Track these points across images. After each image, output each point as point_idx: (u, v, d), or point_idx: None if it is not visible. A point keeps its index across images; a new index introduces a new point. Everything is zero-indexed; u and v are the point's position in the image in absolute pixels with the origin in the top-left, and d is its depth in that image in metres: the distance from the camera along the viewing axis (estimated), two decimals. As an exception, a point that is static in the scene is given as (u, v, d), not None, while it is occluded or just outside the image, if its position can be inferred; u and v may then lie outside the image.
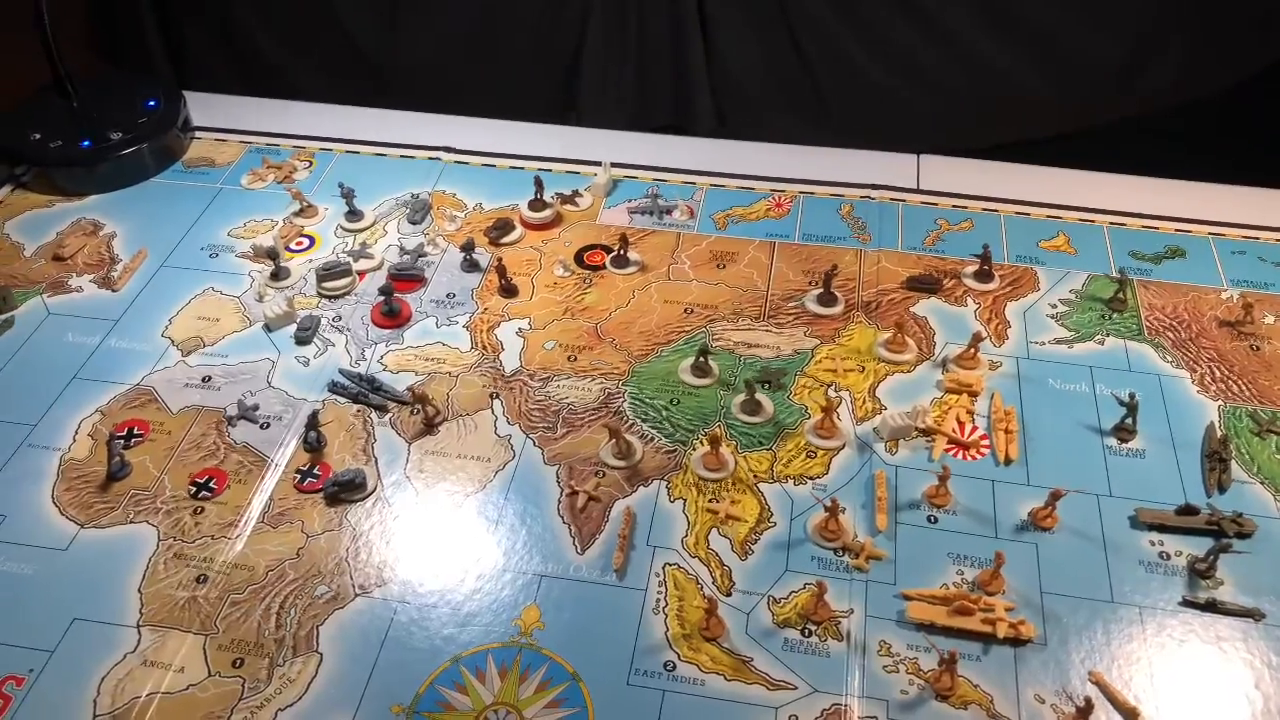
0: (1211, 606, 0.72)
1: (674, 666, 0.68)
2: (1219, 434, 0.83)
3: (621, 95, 1.94)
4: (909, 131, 1.92)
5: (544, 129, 1.17)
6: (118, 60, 2.03)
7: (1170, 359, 0.89)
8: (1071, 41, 1.80)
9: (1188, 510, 0.77)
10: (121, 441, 0.82)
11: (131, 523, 0.77)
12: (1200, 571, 0.73)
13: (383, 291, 0.92)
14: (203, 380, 0.88)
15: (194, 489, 0.79)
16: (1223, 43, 1.76)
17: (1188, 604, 0.72)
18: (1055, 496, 0.75)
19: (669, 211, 1.04)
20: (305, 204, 1.04)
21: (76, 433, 0.83)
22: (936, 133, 1.91)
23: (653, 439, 0.83)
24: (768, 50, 1.89)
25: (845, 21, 1.83)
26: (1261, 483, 0.80)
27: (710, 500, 0.78)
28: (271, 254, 0.96)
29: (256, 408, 0.85)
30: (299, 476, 0.80)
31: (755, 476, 0.80)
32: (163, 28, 2.00)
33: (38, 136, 1.08)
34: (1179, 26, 1.75)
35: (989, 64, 1.83)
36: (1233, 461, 0.81)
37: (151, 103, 1.13)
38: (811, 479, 0.80)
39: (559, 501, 0.78)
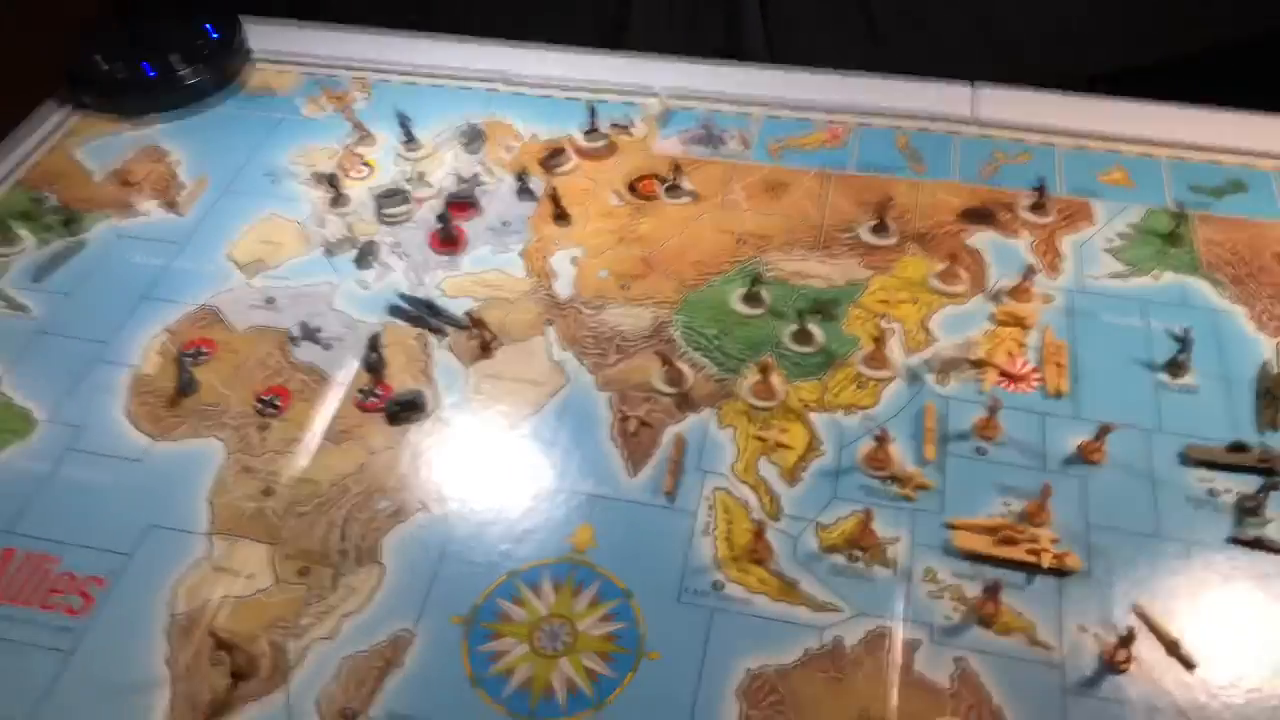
0: (1258, 544, 0.72)
1: (722, 586, 0.70)
2: (1275, 371, 0.82)
3: (673, 19, 1.92)
4: (964, 59, 1.88)
5: (598, 57, 1.17)
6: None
7: (1227, 294, 0.88)
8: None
9: (1238, 447, 0.77)
10: (190, 358, 0.85)
11: (200, 437, 0.80)
12: (1249, 509, 0.74)
13: (440, 218, 0.94)
14: (266, 302, 0.90)
15: (260, 405, 0.82)
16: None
17: (1235, 541, 0.72)
18: (1104, 430, 0.76)
19: (724, 140, 1.04)
20: (364, 132, 1.05)
21: (146, 350, 0.86)
22: (994, 62, 1.87)
23: (703, 368, 0.84)
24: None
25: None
26: (1316, 421, 0.79)
27: (760, 428, 0.80)
28: (331, 180, 0.98)
29: (319, 329, 0.87)
30: (361, 396, 0.82)
31: (805, 405, 0.81)
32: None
33: (100, 61, 1.10)
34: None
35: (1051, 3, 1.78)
36: (1287, 399, 0.80)
37: (209, 27, 1.15)
38: (862, 409, 0.81)
39: (612, 426, 0.80)
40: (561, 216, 0.96)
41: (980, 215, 0.94)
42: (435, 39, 1.19)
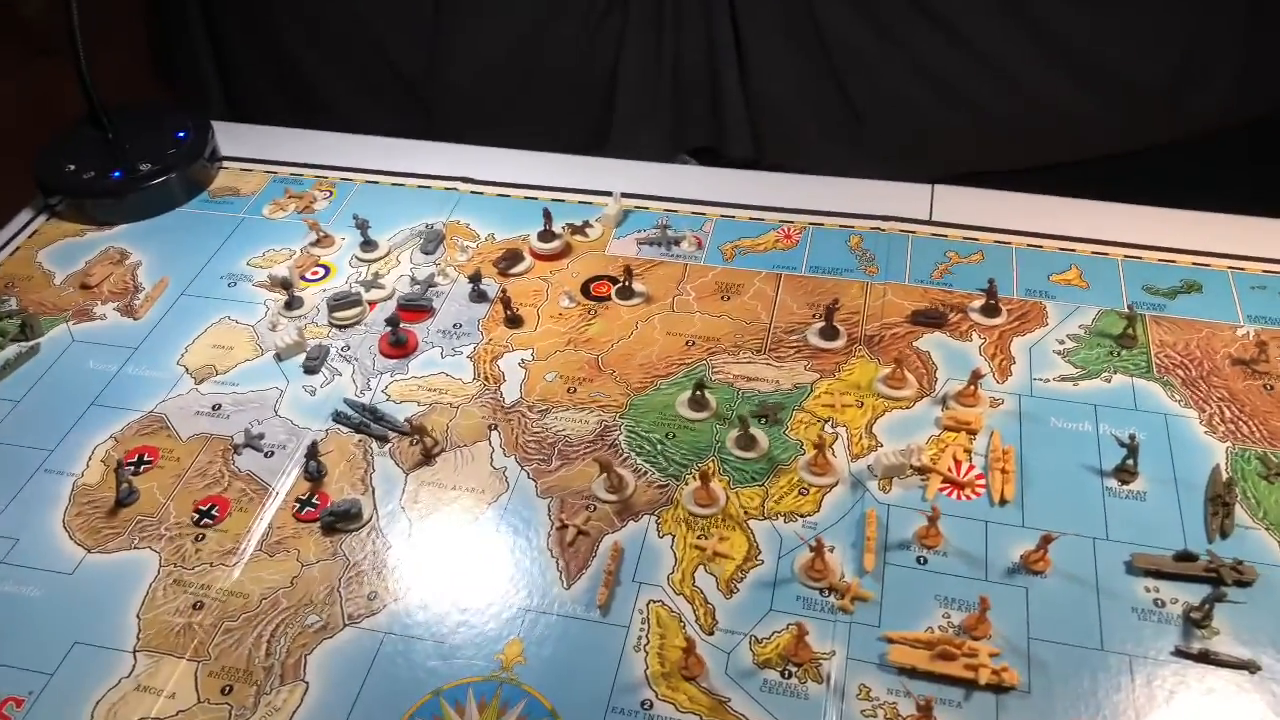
0: (1204, 657, 0.70)
1: (651, 705, 0.69)
2: (1224, 477, 0.81)
3: (658, 120, 1.96)
4: (945, 152, 1.91)
5: (560, 159, 1.19)
6: (173, 82, 2.11)
7: (1179, 398, 0.87)
8: (1112, 64, 1.78)
9: (1186, 556, 0.75)
10: (131, 468, 0.84)
11: (135, 548, 0.79)
12: (1195, 620, 0.72)
13: (389, 322, 0.94)
14: (213, 408, 0.90)
15: (197, 516, 0.81)
16: (1266, 72, 1.72)
17: (1180, 654, 0.71)
18: (1046, 540, 0.74)
19: (677, 242, 1.05)
20: (322, 234, 1.06)
21: (90, 458, 0.86)
22: (973, 153, 1.90)
23: (646, 473, 0.83)
24: (803, 72, 1.89)
25: (880, 42, 1.83)
26: (1267, 529, 0.78)
27: (699, 536, 0.79)
28: (285, 284, 0.99)
29: (262, 436, 0.87)
30: (298, 505, 0.82)
31: (746, 513, 0.80)
32: (215, 51, 2.08)
33: (72, 168, 1.12)
34: (1220, 53, 1.72)
35: (1027, 84, 1.81)
36: (1237, 506, 0.79)
37: (181, 134, 1.17)
38: (803, 516, 0.80)
39: (549, 535, 0.79)
40: (513, 319, 0.97)
41: (930, 317, 0.94)
42: (399, 141, 1.21)
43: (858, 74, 1.85)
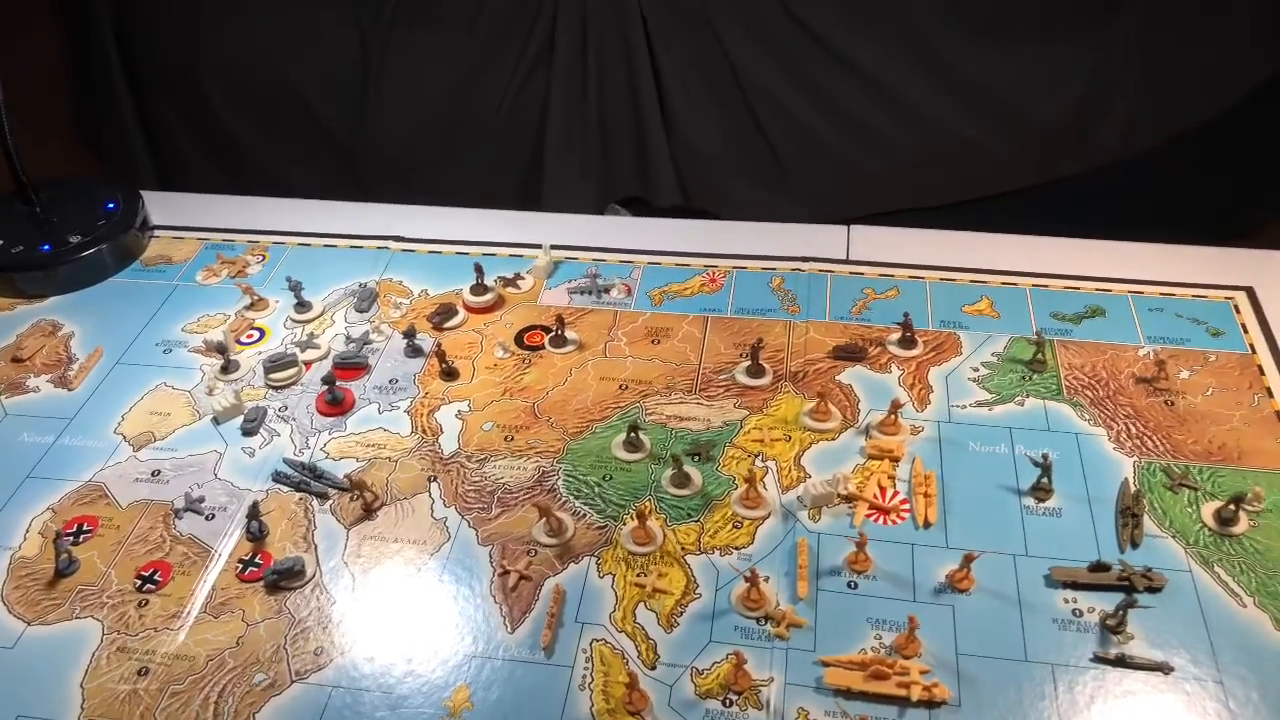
0: (1120, 661, 0.74)
1: (597, 741, 0.70)
2: (1132, 490, 0.85)
3: (586, 172, 2.01)
4: (865, 192, 1.98)
5: (490, 214, 1.21)
6: (101, 149, 2.10)
7: (1088, 417, 0.92)
8: (1019, 103, 1.86)
9: (1099, 567, 0.79)
10: (70, 539, 0.84)
11: (77, 618, 0.79)
12: (1111, 627, 0.76)
13: (325, 380, 0.96)
14: (152, 474, 0.90)
15: (139, 582, 0.82)
16: (1161, 104, 1.82)
17: (1098, 660, 0.74)
18: (968, 560, 0.78)
19: (607, 290, 1.08)
20: (256, 298, 1.08)
21: (28, 531, 0.86)
22: (891, 193, 1.97)
23: (585, 515, 0.86)
24: (724, 121, 1.95)
25: (799, 90, 1.90)
26: (1173, 536, 0.82)
27: (638, 574, 0.81)
28: (220, 348, 1.00)
29: (202, 500, 0.88)
30: (241, 566, 0.83)
31: (683, 549, 0.83)
32: (143, 122, 2.08)
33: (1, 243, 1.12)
34: (1118, 89, 1.81)
35: (939, 125, 1.89)
36: (1145, 516, 0.83)
37: (111, 204, 1.18)
38: (737, 549, 0.83)
39: (491, 581, 0.81)
40: (449, 372, 0.99)
41: (850, 352, 0.98)
42: (331, 204, 1.23)
43: (777, 121, 1.91)
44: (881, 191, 1.98)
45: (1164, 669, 0.73)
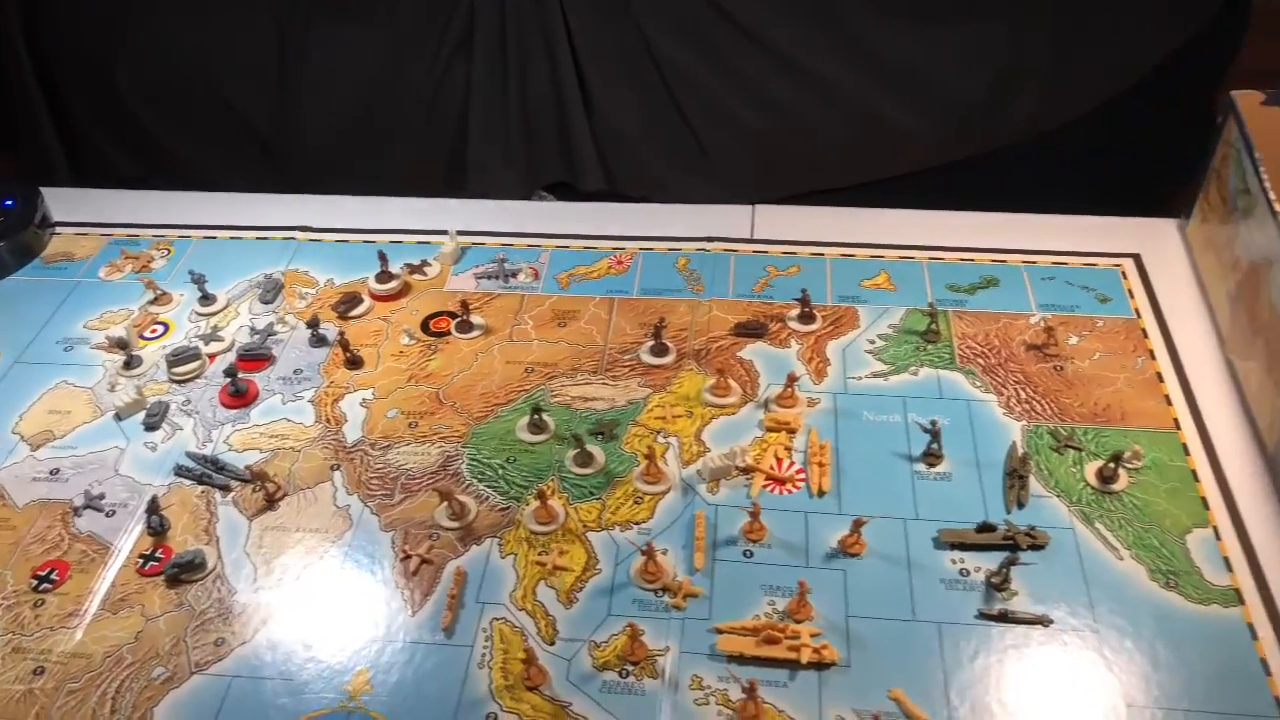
0: (1003, 617, 0.77)
1: (495, 718, 0.72)
2: (1020, 452, 0.88)
3: (511, 159, 2.00)
4: (786, 173, 2.00)
5: (399, 201, 1.22)
6: (16, 146, 2.06)
7: (979, 384, 0.95)
8: (937, 81, 1.89)
9: (985, 528, 0.82)
10: (-35, 540, 0.84)
11: (-27, 621, 0.79)
12: (995, 585, 0.78)
13: (228, 373, 0.95)
14: (50, 473, 0.90)
15: (35, 582, 0.81)
16: (1075, 78, 1.86)
17: (982, 616, 0.77)
18: (857, 525, 0.80)
19: (514, 275, 1.08)
20: (159, 292, 1.07)
21: (-78, 536, 0.85)
22: (811, 174, 1.99)
23: (488, 498, 0.87)
24: (645, 106, 1.95)
25: (718, 74, 1.91)
26: (1058, 496, 0.85)
27: (539, 553, 0.82)
28: (122, 344, 0.99)
29: (102, 496, 0.87)
30: (141, 561, 0.82)
31: (584, 526, 0.84)
32: (55, 116, 2.04)
33: (-106, 245, 1.10)
34: (1031, 67, 1.84)
35: (856, 105, 1.91)
36: (1031, 477, 0.86)
37: (9, 202, 1.16)
38: (637, 524, 0.84)
39: (393, 567, 0.82)
40: (353, 361, 0.99)
41: (751, 329, 1.00)
42: (238, 195, 1.23)
43: (696, 105, 1.92)
44: (804, 172, 1.99)
45: (1044, 622, 0.76)
